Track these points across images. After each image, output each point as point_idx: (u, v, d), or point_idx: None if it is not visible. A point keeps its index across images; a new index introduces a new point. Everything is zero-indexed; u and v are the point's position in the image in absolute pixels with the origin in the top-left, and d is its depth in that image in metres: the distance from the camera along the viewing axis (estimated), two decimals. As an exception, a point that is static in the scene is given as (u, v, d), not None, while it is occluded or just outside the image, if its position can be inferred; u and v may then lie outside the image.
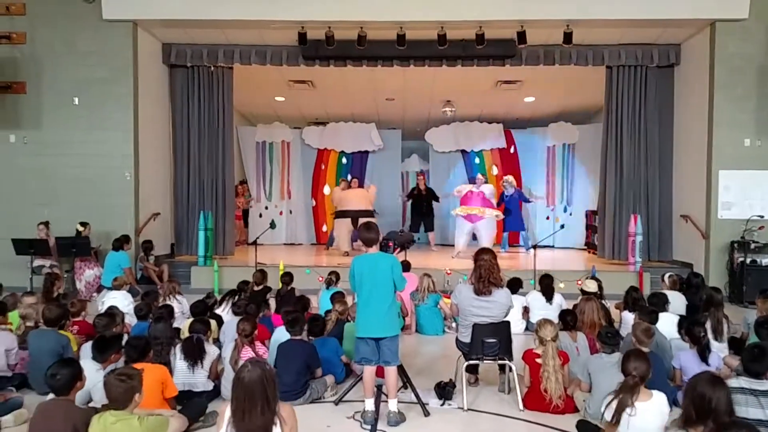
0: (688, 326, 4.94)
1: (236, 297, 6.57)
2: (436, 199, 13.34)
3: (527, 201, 13.21)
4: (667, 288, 7.03)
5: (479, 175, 12.15)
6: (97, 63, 9.65)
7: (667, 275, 7.29)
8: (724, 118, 9.40)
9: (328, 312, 6.01)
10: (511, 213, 12.61)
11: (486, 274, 4.70)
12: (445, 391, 4.89)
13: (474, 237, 11.50)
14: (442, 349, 6.64)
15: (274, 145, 14.56)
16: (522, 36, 9.53)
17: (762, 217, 9.23)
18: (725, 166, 9.44)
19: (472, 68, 10.65)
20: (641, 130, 10.62)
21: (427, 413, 4.57)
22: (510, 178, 12.95)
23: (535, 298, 7.32)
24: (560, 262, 11.37)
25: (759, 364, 3.51)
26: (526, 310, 7.40)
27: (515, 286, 7.49)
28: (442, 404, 4.81)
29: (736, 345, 5.46)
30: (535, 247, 9.78)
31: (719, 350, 5.29)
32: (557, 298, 7.20)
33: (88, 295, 8.88)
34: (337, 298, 6.23)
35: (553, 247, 13.89)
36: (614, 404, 3.58)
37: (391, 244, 4.72)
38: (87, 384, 3.81)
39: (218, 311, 6.43)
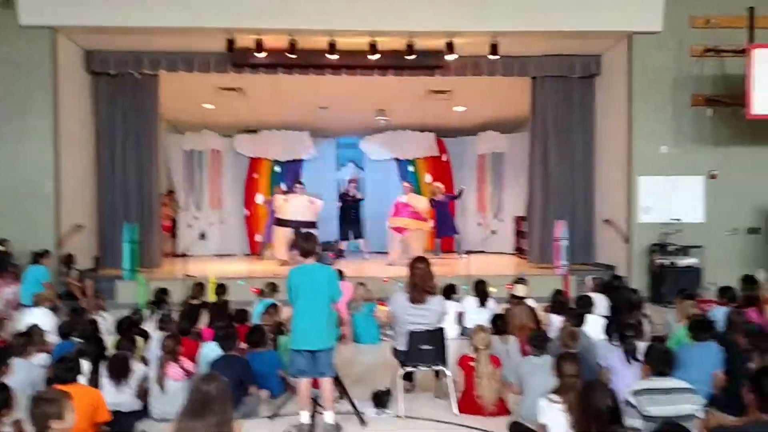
0: (618, 327, 5.14)
1: (157, 309, 6.36)
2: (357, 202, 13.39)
3: (456, 197, 13.35)
4: (590, 290, 7.30)
5: (405, 183, 12.20)
6: (14, 71, 9.20)
7: (590, 278, 7.59)
8: (643, 126, 9.88)
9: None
10: (443, 219, 12.81)
11: (420, 282, 4.76)
12: (381, 399, 4.91)
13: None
14: (379, 357, 6.65)
15: (203, 154, 14.23)
16: (450, 47, 9.75)
17: (679, 220, 9.74)
18: (644, 173, 9.91)
19: (403, 78, 10.77)
20: (565, 138, 11.02)
21: (363, 422, 4.58)
22: (438, 184, 13.19)
23: (469, 303, 7.46)
24: (492, 267, 11.61)
25: (667, 366, 3.70)
26: (460, 315, 7.51)
27: (450, 292, 7.61)
28: (378, 413, 4.81)
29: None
30: (468, 252, 9.96)
31: (640, 350, 5.54)
32: (490, 302, 7.37)
33: (6, 313, 8.38)
34: (269, 310, 6.13)
35: (484, 252, 14.20)
36: (553, 406, 3.67)
37: (332, 255, 4.69)
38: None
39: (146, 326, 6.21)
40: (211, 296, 7.79)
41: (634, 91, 9.88)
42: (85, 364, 4.39)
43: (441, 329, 4.92)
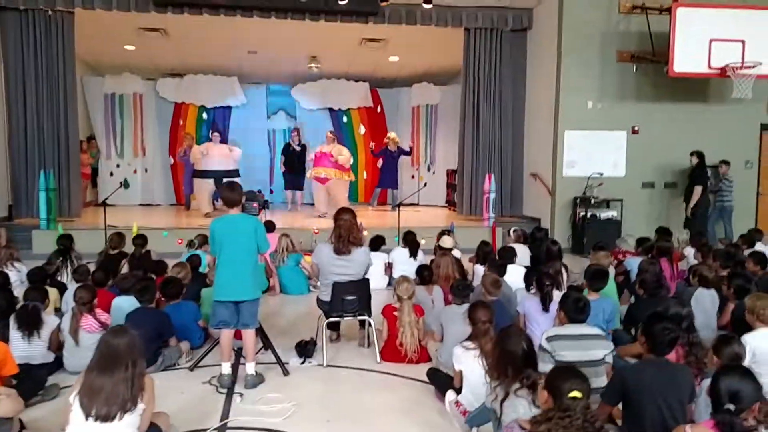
0: (538, 276, 5.30)
1: (65, 258, 6.11)
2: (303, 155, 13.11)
3: (407, 153, 13.39)
4: (513, 242, 7.49)
5: (328, 132, 11.99)
6: None
7: (512, 230, 7.79)
8: (570, 81, 10.04)
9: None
10: (389, 171, 12.80)
11: (345, 234, 4.74)
12: (305, 349, 4.92)
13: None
14: (306, 308, 6.64)
15: (124, 98, 13.54)
16: (384, -7, 9.52)
17: (601, 174, 10.05)
18: (570, 127, 10.14)
19: (336, 24, 10.48)
20: (496, 92, 11.10)
21: (286, 372, 4.58)
22: (393, 135, 13.08)
23: (399, 254, 7.51)
24: (423, 219, 11.74)
25: (582, 314, 3.85)
26: (389, 266, 7.57)
27: (378, 243, 7.64)
28: (303, 362, 4.84)
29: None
30: (399, 205, 10.02)
31: (557, 298, 5.76)
32: (420, 253, 7.44)
33: None
34: (187, 261, 5.99)
35: (417, 204, 14.31)
36: (468, 352, 3.76)
37: (255, 205, 4.58)
38: None
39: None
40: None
41: (563, 46, 9.99)
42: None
43: (365, 280, 4.94)
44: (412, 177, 14.71)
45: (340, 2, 9.57)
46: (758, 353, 3.89)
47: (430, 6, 9.87)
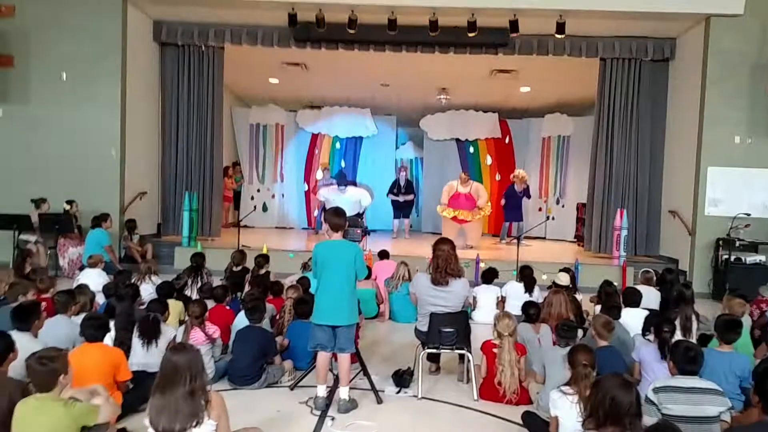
0: (655, 321, 4.90)
1: (196, 274, 6.57)
2: (413, 192, 13.28)
3: (529, 197, 13.16)
4: (641, 283, 6.97)
5: (462, 174, 11.97)
6: (85, 38, 9.60)
7: (642, 270, 7.26)
8: (716, 114, 9.28)
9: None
10: (515, 205, 12.60)
11: (443, 264, 4.69)
12: (402, 379, 4.90)
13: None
14: (412, 337, 6.59)
15: (268, 128, 14.51)
16: (514, 25, 9.43)
17: (748, 215, 9.13)
18: (714, 163, 9.33)
19: (466, 56, 10.53)
20: (633, 124, 10.51)
21: (380, 400, 4.57)
22: (522, 173, 12.87)
23: (513, 288, 7.28)
24: (548, 253, 11.32)
25: (693, 364, 3.48)
26: (503, 300, 7.36)
27: (490, 276, 7.48)
28: (398, 392, 4.81)
29: (704, 342, 5.42)
30: (518, 238, 9.75)
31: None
32: (536, 289, 7.17)
33: (70, 272, 8.92)
34: (297, 283, 6.20)
35: (544, 238, 13.86)
36: (565, 397, 3.54)
37: (358, 231, 4.69)
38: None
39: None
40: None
41: (708, 77, 9.28)
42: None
43: (464, 312, 4.84)
44: (540, 209, 14.26)
45: (470, 34, 9.61)
46: None
47: (562, 36, 9.63)
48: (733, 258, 8.99)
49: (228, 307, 5.73)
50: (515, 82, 12.84)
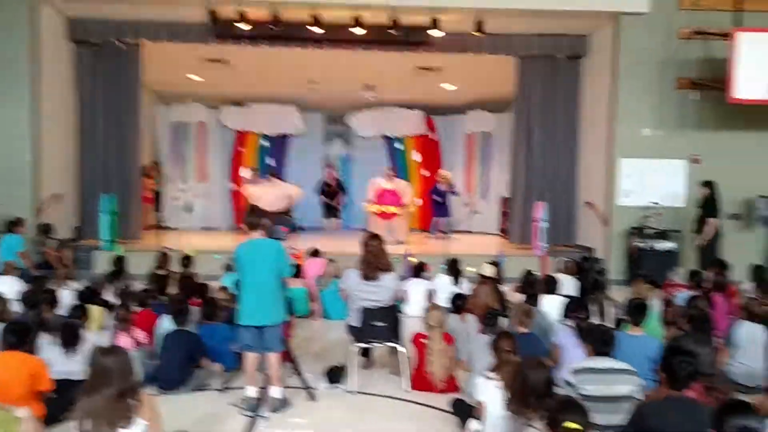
0: (570, 307, 5.16)
1: (117, 278, 6.38)
2: (344, 190, 13.37)
3: (455, 193, 13.41)
4: (561, 272, 7.31)
5: (386, 170, 12.13)
6: (-6, 37, 9.08)
7: (561, 260, 7.60)
8: (626, 108, 9.77)
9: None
10: (440, 202, 12.83)
11: (373, 260, 4.76)
12: (334, 375, 4.95)
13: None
14: (345, 334, 6.65)
15: (190, 126, 14.14)
16: (435, 23, 9.62)
17: (657, 204, 9.69)
18: (626, 155, 9.84)
19: (390, 53, 10.64)
20: (550, 119, 10.93)
21: (313, 398, 4.60)
22: (446, 173, 13.12)
23: (442, 281, 7.47)
24: (475, 247, 11.63)
25: (607, 346, 3.71)
26: (432, 293, 7.51)
27: (419, 270, 7.64)
28: (331, 388, 4.85)
29: (620, 326, 5.74)
30: (444, 232, 9.97)
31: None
32: (464, 281, 7.38)
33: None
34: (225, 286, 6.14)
35: (471, 232, 14.20)
36: (490, 383, 3.68)
37: (285, 229, 4.68)
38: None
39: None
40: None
41: (618, 73, 9.77)
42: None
43: (394, 306, 4.94)
44: (466, 205, 14.60)
45: (392, 32, 9.73)
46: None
47: (481, 34, 9.89)
48: (644, 245, 9.52)
49: (152, 311, 5.57)
50: (439, 80, 13.06)
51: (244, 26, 9.49)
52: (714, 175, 9.50)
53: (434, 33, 9.82)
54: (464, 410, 4.05)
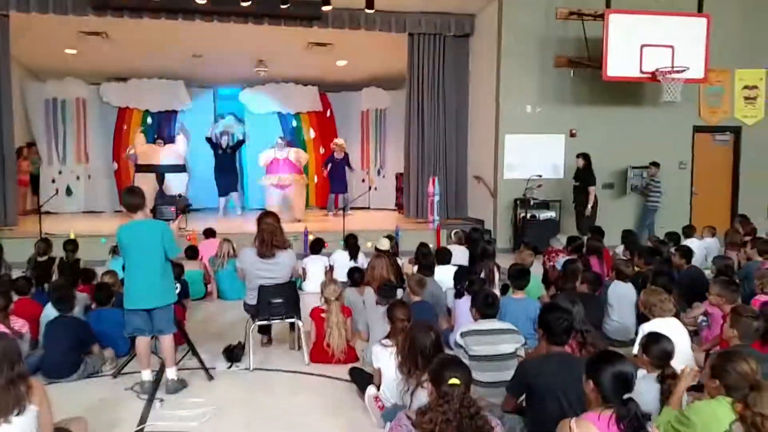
0: (459, 275, 5.44)
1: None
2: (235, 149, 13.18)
3: (351, 168, 13.47)
4: (453, 243, 7.62)
5: (278, 139, 12.05)
6: None
7: (453, 231, 7.93)
8: (510, 85, 10.26)
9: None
10: (338, 176, 12.85)
11: (269, 237, 4.75)
12: (233, 354, 4.93)
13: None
14: (243, 313, 6.59)
15: (67, 103, 13.25)
16: (326, -3, 9.57)
17: (540, 176, 10.28)
18: (510, 131, 10.35)
19: (282, 28, 10.48)
20: (440, 96, 11.26)
21: (211, 377, 4.57)
22: (340, 141, 13.12)
23: (339, 257, 7.56)
24: (372, 222, 11.82)
25: (491, 308, 3.97)
26: (330, 269, 7.60)
27: (318, 246, 7.69)
28: (230, 367, 4.83)
29: (505, 291, 6.11)
30: (343, 209, 10.07)
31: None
32: (360, 256, 7.50)
33: None
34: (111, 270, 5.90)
35: (368, 208, 14.40)
36: (386, 350, 3.83)
37: (173, 209, 4.55)
38: None
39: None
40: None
41: (502, 51, 10.20)
42: None
43: (291, 282, 4.97)
44: (363, 181, 14.76)
45: (282, 6, 9.56)
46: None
47: (373, 11, 9.95)
48: (528, 215, 10.11)
49: (33, 300, 5.27)
50: (332, 56, 13.03)
51: (124, -3, 8.99)
52: (589, 147, 10.20)
53: (325, 8, 9.76)
54: (362, 378, 4.18)
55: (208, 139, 13.15)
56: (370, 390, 3.86)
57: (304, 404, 4.15)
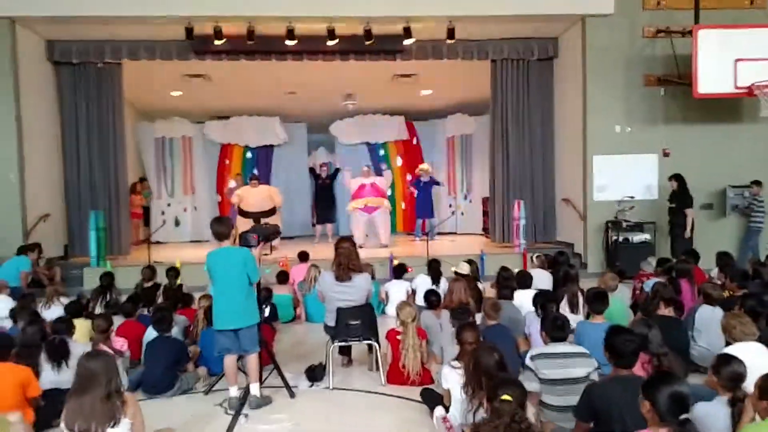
0: (540, 300, 5.41)
1: (104, 293, 6.58)
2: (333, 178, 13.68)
3: (439, 183, 13.68)
4: (536, 267, 7.55)
5: (364, 168, 12.43)
6: (-27, 63, 9.29)
7: (535, 255, 7.87)
8: (596, 106, 10.07)
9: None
10: (424, 201, 13.08)
11: (345, 261, 4.99)
12: (314, 373, 5.16)
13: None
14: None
15: (174, 141, 14.36)
16: (407, 31, 9.90)
17: (632, 198, 9.97)
18: (598, 152, 10.13)
19: (368, 62, 10.90)
20: (525, 120, 11.22)
21: (293, 395, 4.82)
22: (426, 166, 13.40)
23: (422, 281, 7.69)
24: (458, 247, 11.86)
25: (561, 332, 3.95)
26: (413, 293, 7.74)
27: (400, 271, 7.87)
28: (311, 386, 5.07)
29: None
30: (426, 234, 10.21)
31: (574, 321, 5.80)
32: (443, 281, 7.60)
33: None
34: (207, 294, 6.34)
35: (455, 233, 14.45)
36: (454, 371, 3.92)
37: (255, 237, 4.89)
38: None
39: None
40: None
41: (588, 72, 10.06)
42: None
43: (369, 305, 5.16)
44: (450, 206, 14.88)
45: (366, 42, 9.99)
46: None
47: (453, 41, 10.17)
48: (621, 238, 9.80)
49: (138, 322, 5.78)
50: (416, 86, 13.34)
51: (220, 42, 9.72)
52: (684, 166, 9.80)
53: (407, 41, 10.10)
54: (432, 398, 4.27)
55: (311, 170, 13.79)
56: (438, 410, 3.95)
57: (377, 423, 4.30)
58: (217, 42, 9.77)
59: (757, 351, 3.84)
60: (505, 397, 2.58)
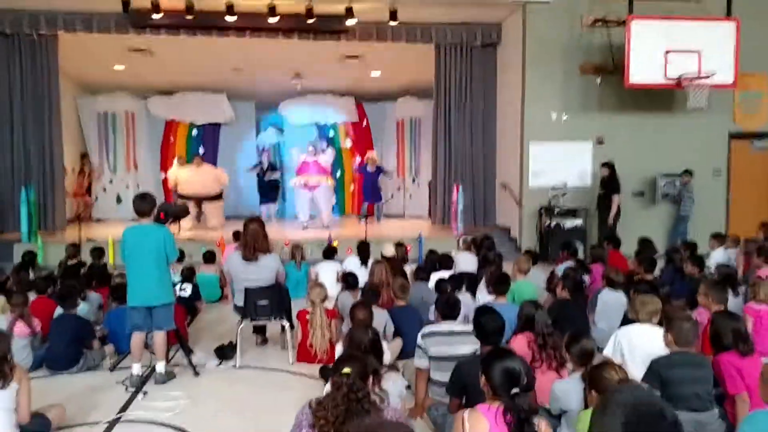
0: (439, 282, 5.57)
1: (26, 270, 6.49)
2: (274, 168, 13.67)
3: (384, 172, 13.74)
4: (462, 250, 7.70)
5: (310, 147, 12.41)
6: None
7: (461, 239, 8.01)
8: (534, 94, 10.23)
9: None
10: (370, 186, 13.13)
11: (251, 241, 5.01)
12: (223, 352, 5.20)
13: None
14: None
15: (117, 116, 14.05)
16: (350, 11, 9.85)
17: (565, 185, 10.20)
18: (535, 138, 10.31)
19: (314, 42, 10.83)
20: (467, 105, 11.33)
21: (196, 373, 4.86)
22: (373, 155, 13.43)
23: (350, 263, 7.77)
24: (401, 229, 11.94)
25: (451, 311, 4.08)
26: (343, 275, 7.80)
27: (330, 253, 7.94)
28: (219, 364, 5.11)
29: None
30: (366, 216, 10.30)
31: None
32: (371, 263, 7.68)
33: None
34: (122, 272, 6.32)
35: (403, 216, 14.56)
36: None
37: (162, 215, 4.88)
38: None
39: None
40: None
41: (527, 60, 10.19)
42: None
43: (277, 285, 5.21)
44: (398, 189, 14.96)
45: (308, 21, 9.92)
46: (631, 347, 4.06)
47: (396, 23, 10.16)
48: (553, 224, 10.03)
49: (50, 299, 5.72)
50: (365, 67, 13.29)
51: (158, 16, 9.52)
52: (618, 154, 10.05)
53: (349, 21, 10.06)
54: (329, 375, 4.36)
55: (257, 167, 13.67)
56: (327, 386, 4.03)
57: (275, 399, 4.37)
58: (155, 16, 9.57)
59: (655, 333, 3.96)
60: (346, 370, 2.68)
